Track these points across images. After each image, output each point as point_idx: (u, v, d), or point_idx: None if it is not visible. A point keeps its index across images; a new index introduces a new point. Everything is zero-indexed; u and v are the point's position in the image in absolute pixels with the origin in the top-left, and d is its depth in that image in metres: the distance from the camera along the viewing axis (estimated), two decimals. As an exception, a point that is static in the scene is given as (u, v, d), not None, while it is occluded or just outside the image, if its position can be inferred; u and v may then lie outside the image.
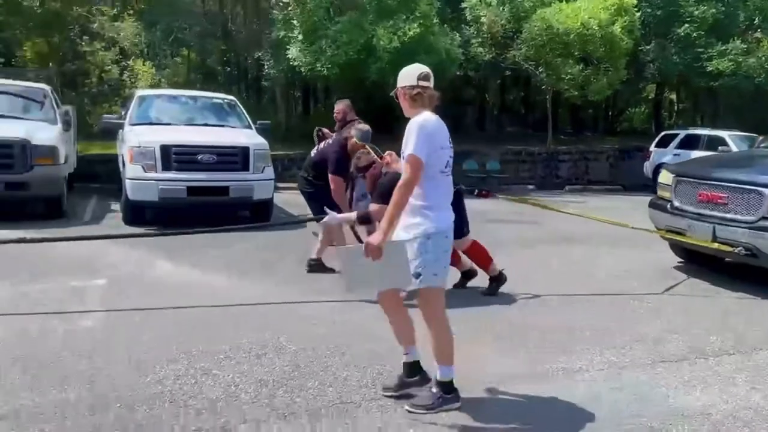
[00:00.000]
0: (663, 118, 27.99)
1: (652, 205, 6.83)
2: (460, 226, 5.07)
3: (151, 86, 15.37)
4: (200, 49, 16.95)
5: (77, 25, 14.98)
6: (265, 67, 16.31)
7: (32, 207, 8.34)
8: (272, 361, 3.69)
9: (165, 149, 7.96)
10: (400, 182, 2.92)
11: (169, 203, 8.05)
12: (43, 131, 8.37)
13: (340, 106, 6.74)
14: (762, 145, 7.75)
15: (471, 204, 5.77)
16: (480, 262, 5.42)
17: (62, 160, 8.39)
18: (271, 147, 9.02)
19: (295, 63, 14.68)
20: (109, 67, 15.77)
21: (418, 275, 2.95)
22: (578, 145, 19.21)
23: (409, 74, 3.06)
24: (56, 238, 6.09)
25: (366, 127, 5.63)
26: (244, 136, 8.94)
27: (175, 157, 7.99)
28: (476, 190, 6.75)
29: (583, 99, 17.75)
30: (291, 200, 10.10)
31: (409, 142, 2.91)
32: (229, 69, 19.52)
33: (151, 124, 8.99)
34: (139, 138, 8.18)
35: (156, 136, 8.22)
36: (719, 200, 5.85)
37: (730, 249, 5.65)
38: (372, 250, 2.86)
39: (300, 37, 14.36)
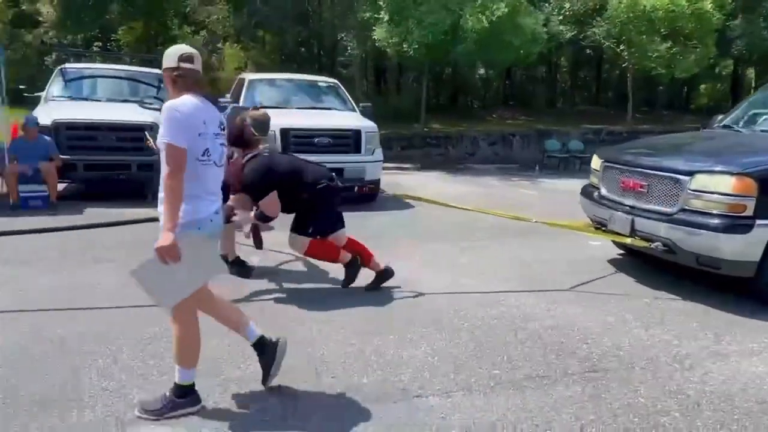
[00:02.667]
0: (741, 95, 26.96)
1: (582, 192, 6.06)
2: (333, 222, 4.75)
3: (238, 69, 15.84)
4: (281, 31, 17.30)
5: (172, 10, 15.54)
6: (349, 48, 16.56)
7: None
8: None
9: (284, 133, 8.33)
10: (163, 174, 2.64)
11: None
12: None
13: None
14: (716, 125, 6.34)
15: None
16: (327, 258, 4.86)
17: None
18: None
19: (381, 44, 14.86)
20: (200, 49, 16.34)
21: None
22: (658, 124, 18.82)
23: (170, 55, 2.77)
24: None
25: (263, 113, 5.05)
26: (353, 118, 9.24)
27: (293, 140, 8.35)
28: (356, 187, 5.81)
29: (669, 77, 17.32)
30: (390, 181, 10.41)
31: (162, 129, 2.63)
32: (304, 50, 19.86)
33: (264, 107, 9.34)
34: (261, 121, 8.55)
35: (274, 120, 8.56)
36: (640, 188, 5.08)
37: (645, 244, 4.93)
38: (165, 252, 2.56)
39: (386, 17, 14.51)
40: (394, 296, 4.72)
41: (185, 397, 2.84)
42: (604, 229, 5.52)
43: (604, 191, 5.63)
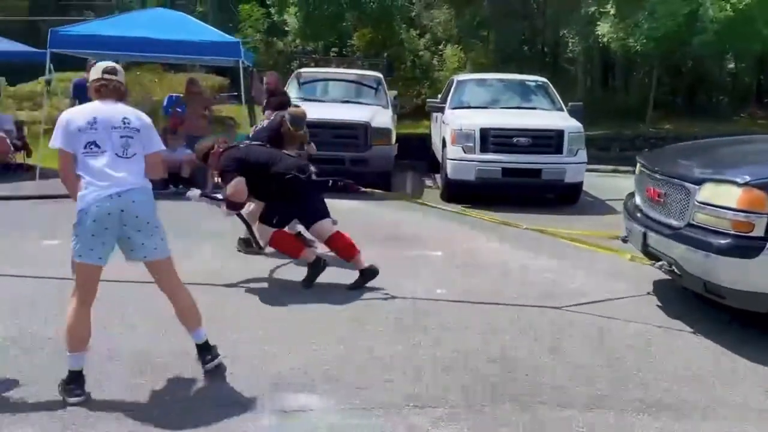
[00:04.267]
0: None
1: (624, 203, 5.33)
2: (303, 214, 4.85)
3: (457, 69, 16.27)
4: (501, 29, 17.33)
5: (399, 14, 16.56)
6: (569, 44, 16.02)
7: (370, 180, 9.55)
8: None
9: (484, 132, 8.44)
10: None
11: (485, 183, 8.52)
12: (380, 115, 9.55)
13: (272, 78, 7.40)
14: None
15: None
16: (288, 253, 4.96)
17: (393, 141, 9.49)
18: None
19: (605, 39, 14.10)
20: (422, 52, 17.17)
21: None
22: None
23: (96, 69, 3.28)
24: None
25: (300, 110, 5.54)
26: (557, 118, 9.00)
27: (492, 139, 8.42)
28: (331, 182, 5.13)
29: None
30: (597, 183, 9.88)
31: None
32: (526, 48, 19.59)
33: (469, 107, 9.58)
34: (461, 121, 8.80)
35: (475, 120, 8.75)
36: (657, 198, 4.46)
37: (649, 263, 4.39)
38: None
39: (612, 11, 13.72)
40: (367, 296, 4.60)
41: (72, 383, 3.01)
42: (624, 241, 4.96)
43: (637, 200, 4.97)
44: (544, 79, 10.62)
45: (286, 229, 5.05)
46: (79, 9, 21.07)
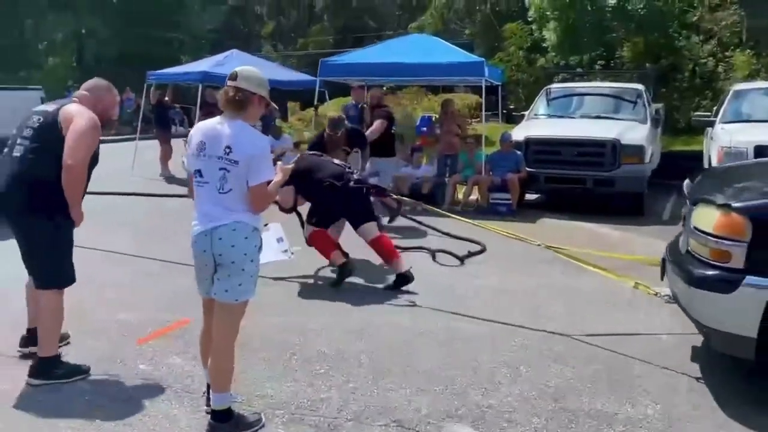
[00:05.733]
0: None
1: None
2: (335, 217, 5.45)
3: (748, 77, 14.00)
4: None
5: (676, 20, 14.92)
6: None
7: (617, 203, 8.80)
8: None
9: (759, 151, 7.09)
10: None
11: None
12: (633, 131, 8.70)
13: (375, 94, 8.49)
14: None
15: None
16: (322, 252, 5.36)
17: (648, 159, 8.55)
18: None
19: None
20: (705, 59, 15.17)
21: None
22: None
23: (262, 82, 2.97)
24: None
25: (336, 115, 6.26)
26: None
27: (771, 159, 7.04)
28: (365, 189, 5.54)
29: None
30: None
31: None
32: None
33: (746, 121, 8.18)
34: (731, 137, 7.55)
35: (750, 136, 7.42)
36: (683, 222, 3.77)
37: (653, 292, 4.42)
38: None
39: None
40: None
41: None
42: None
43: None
44: None
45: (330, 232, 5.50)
46: (371, 40, 23.56)
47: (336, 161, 5.54)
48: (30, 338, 3.49)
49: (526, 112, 10.51)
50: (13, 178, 3.27)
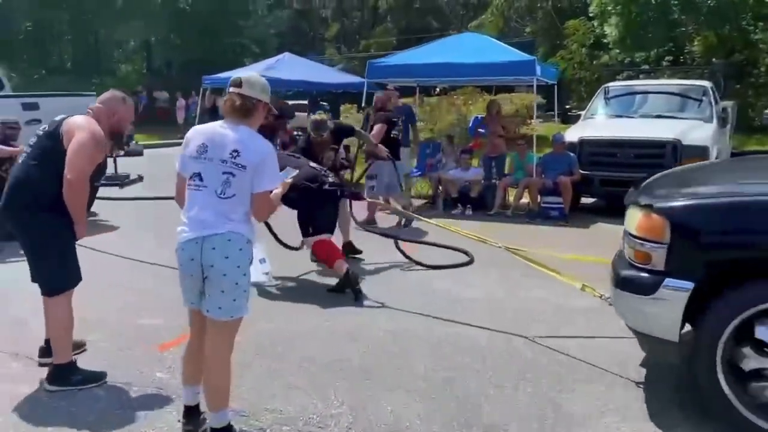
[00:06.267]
0: None
1: None
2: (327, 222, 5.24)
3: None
4: None
5: (750, 11, 14.00)
6: None
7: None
8: None
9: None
10: None
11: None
12: (697, 131, 8.18)
13: (379, 97, 8.14)
14: None
15: None
16: (324, 262, 5.31)
17: (714, 159, 7.99)
18: None
19: None
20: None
21: None
22: None
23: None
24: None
25: (320, 117, 6.01)
26: None
27: None
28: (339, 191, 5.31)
29: None
30: None
31: None
32: None
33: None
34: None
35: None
36: None
37: (598, 295, 4.21)
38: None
39: None
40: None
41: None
42: None
43: None
44: None
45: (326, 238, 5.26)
46: (434, 40, 23.40)
47: (312, 164, 5.33)
48: (48, 349, 3.52)
49: (583, 112, 10.07)
50: (13, 185, 3.34)
